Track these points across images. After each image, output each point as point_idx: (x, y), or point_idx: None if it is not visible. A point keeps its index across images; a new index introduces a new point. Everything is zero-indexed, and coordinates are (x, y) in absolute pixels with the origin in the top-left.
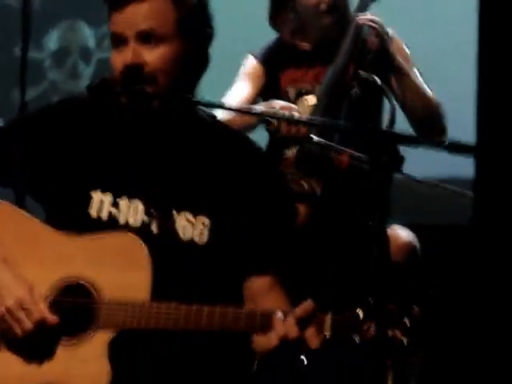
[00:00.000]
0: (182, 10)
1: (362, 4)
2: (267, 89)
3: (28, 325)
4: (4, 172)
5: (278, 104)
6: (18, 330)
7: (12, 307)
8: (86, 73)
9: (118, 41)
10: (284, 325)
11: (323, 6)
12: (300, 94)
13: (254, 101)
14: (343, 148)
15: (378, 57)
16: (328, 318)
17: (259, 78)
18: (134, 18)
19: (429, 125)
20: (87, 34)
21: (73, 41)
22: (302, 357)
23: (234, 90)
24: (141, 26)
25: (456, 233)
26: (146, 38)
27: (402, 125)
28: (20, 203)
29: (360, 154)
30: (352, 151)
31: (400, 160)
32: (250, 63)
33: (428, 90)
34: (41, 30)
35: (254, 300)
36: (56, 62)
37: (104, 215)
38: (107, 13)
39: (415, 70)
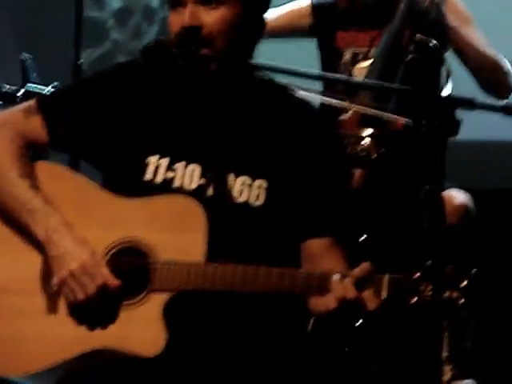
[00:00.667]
0: None
1: None
2: (323, 47)
3: (91, 289)
4: (60, 136)
5: None
6: (81, 294)
7: (75, 271)
8: (150, 32)
9: (177, 2)
10: (342, 286)
11: None
12: (356, 58)
13: (283, 32)
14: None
15: (434, 19)
16: (385, 279)
17: (301, 18)
18: None
19: (494, 84)
20: None
21: (136, 0)
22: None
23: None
24: None
25: None
26: (205, 0)
27: (463, 87)
28: (75, 167)
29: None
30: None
31: (456, 124)
32: (303, 1)
33: (490, 49)
34: None
35: (311, 261)
36: (119, 22)
37: (159, 179)
38: None
39: (473, 29)
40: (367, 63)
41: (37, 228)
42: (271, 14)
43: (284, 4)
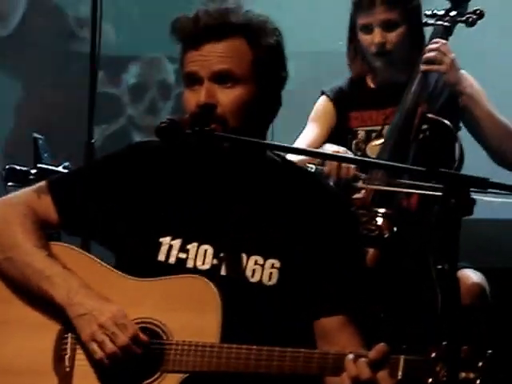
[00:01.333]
0: (258, 52)
1: (434, 35)
2: (337, 128)
3: (122, 339)
4: (70, 217)
5: (331, 148)
6: (111, 346)
7: (105, 323)
8: (165, 108)
9: (193, 80)
10: (356, 366)
11: (373, 49)
12: (369, 136)
13: (325, 140)
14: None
15: (449, 94)
16: (401, 360)
17: (331, 118)
18: (210, 57)
19: (505, 152)
20: (168, 69)
21: (152, 76)
22: None
23: (305, 131)
24: (217, 66)
25: None
26: (221, 78)
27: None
28: (86, 248)
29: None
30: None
31: (471, 203)
32: (322, 102)
33: (503, 118)
34: (120, 66)
35: (325, 339)
36: (134, 98)
37: (172, 260)
38: (181, 52)
39: (488, 102)
40: (380, 141)
41: (57, 292)
42: (308, 135)
43: None
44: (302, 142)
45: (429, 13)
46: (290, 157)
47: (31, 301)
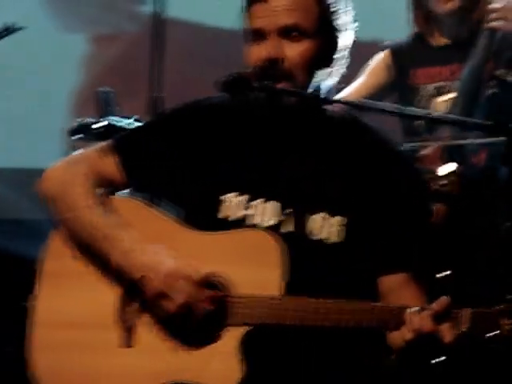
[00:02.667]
0: (323, 6)
1: None
2: (399, 85)
3: (190, 289)
4: (137, 176)
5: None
6: (181, 298)
7: (171, 273)
8: None
9: (259, 35)
10: (419, 318)
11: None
12: (440, 91)
13: (375, 89)
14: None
15: None
16: (468, 312)
17: (388, 68)
18: (277, 10)
19: None
20: None
21: None
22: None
23: (357, 80)
24: (284, 21)
25: None
26: (288, 32)
27: None
28: (155, 201)
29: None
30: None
31: None
32: (380, 56)
33: None
34: None
35: (389, 296)
36: None
37: (238, 215)
38: (246, 4)
39: None
40: (448, 96)
41: (113, 253)
42: (358, 84)
43: None
44: (350, 89)
45: None
46: None
47: (93, 257)
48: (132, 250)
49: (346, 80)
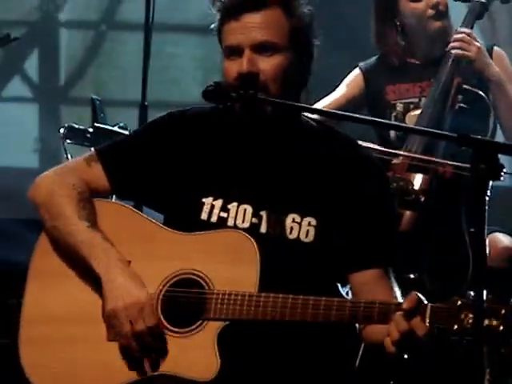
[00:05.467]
0: (293, 21)
1: (467, 21)
2: (374, 100)
3: (140, 326)
4: (121, 183)
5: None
6: (128, 329)
7: (129, 306)
8: None
9: (234, 51)
10: (395, 320)
11: (430, 12)
12: (408, 108)
13: (347, 103)
14: (446, 161)
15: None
16: (428, 307)
17: (358, 86)
18: (251, 28)
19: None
20: None
21: None
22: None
23: (331, 94)
24: (257, 38)
25: None
26: (261, 48)
27: None
28: (138, 209)
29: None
30: (454, 162)
31: (499, 168)
32: (354, 72)
33: None
34: None
35: (361, 292)
36: None
37: (214, 219)
38: (219, 23)
39: None
40: (418, 111)
41: (96, 263)
42: (330, 97)
43: None
44: (323, 101)
45: None
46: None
47: (76, 264)
48: (113, 266)
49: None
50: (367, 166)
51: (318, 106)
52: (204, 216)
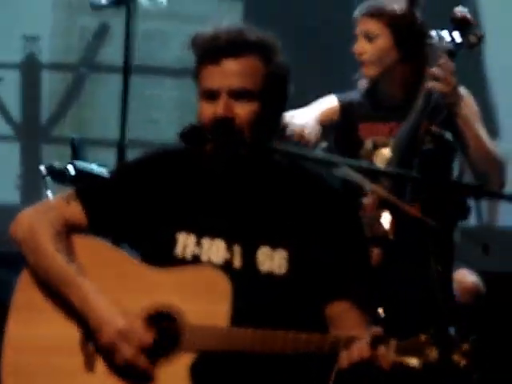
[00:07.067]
0: (270, 68)
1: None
2: (346, 137)
3: (128, 353)
4: (98, 221)
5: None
6: (120, 360)
7: (111, 337)
8: None
9: (212, 95)
10: (356, 346)
11: (359, 57)
12: (376, 146)
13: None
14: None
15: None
16: (392, 343)
17: (331, 115)
18: (228, 74)
19: (488, 177)
20: None
21: None
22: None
23: (302, 110)
24: (234, 84)
25: None
26: (238, 94)
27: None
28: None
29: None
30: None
31: (466, 210)
32: (331, 101)
33: (492, 145)
34: None
35: (334, 322)
36: None
37: (188, 255)
38: (197, 65)
39: (481, 126)
40: (387, 151)
41: (73, 298)
42: (298, 113)
43: None
44: (291, 113)
45: (434, 34)
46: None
47: (57, 297)
48: (88, 300)
49: None
50: (336, 200)
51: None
52: (178, 252)
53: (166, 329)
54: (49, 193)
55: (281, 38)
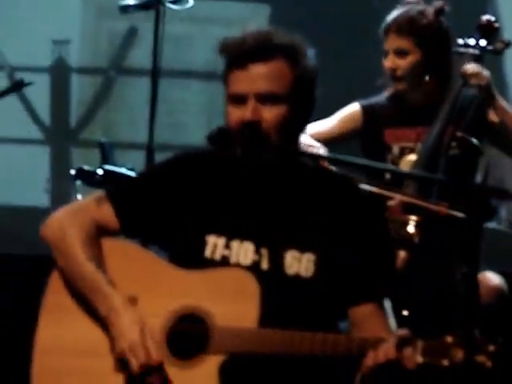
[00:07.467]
0: (297, 72)
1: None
2: (369, 141)
3: (136, 366)
4: (130, 223)
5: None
6: (134, 365)
7: (124, 350)
8: None
9: (238, 99)
10: (385, 346)
11: (392, 72)
12: (403, 152)
13: (338, 137)
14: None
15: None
16: (419, 343)
17: (353, 121)
18: (255, 78)
19: None
20: None
21: None
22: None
23: (323, 121)
24: (262, 88)
25: None
26: (265, 98)
27: None
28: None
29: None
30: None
31: (492, 211)
32: (353, 107)
33: None
34: None
35: (359, 325)
36: None
37: (217, 256)
38: (226, 70)
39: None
40: (413, 156)
41: (99, 306)
42: (324, 124)
43: None
44: (312, 127)
45: (461, 42)
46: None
47: (85, 302)
48: (113, 310)
49: None
50: (364, 204)
51: (311, 129)
52: (207, 254)
53: (195, 330)
54: (79, 196)
55: (307, 42)
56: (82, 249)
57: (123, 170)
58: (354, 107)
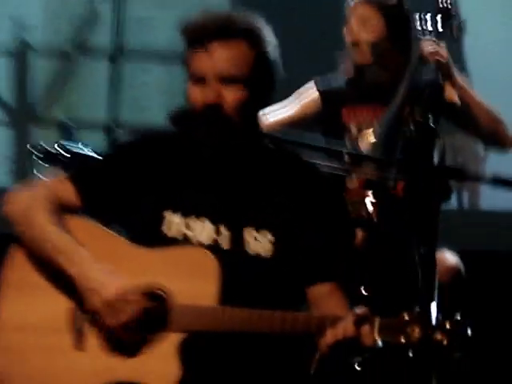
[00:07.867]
0: (258, 55)
1: None
2: (329, 122)
3: (122, 316)
4: (91, 202)
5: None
6: (112, 320)
7: (109, 298)
8: None
9: (200, 79)
10: (343, 324)
11: (355, 44)
12: (361, 130)
13: (299, 123)
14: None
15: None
16: (376, 320)
17: (314, 107)
18: (216, 60)
19: (498, 136)
20: None
21: None
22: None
23: (281, 106)
24: (224, 70)
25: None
26: (226, 79)
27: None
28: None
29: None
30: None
31: (449, 191)
32: (311, 93)
33: (490, 105)
34: None
35: (317, 304)
36: None
37: (175, 233)
38: (187, 50)
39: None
40: (370, 131)
41: (70, 265)
42: (282, 107)
43: None
44: (272, 114)
45: (419, 28)
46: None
47: (51, 273)
48: (86, 265)
49: None
50: (323, 185)
51: (272, 117)
52: (164, 230)
53: (154, 308)
54: (38, 173)
55: (269, 23)
56: (46, 217)
57: (80, 146)
58: (311, 91)
